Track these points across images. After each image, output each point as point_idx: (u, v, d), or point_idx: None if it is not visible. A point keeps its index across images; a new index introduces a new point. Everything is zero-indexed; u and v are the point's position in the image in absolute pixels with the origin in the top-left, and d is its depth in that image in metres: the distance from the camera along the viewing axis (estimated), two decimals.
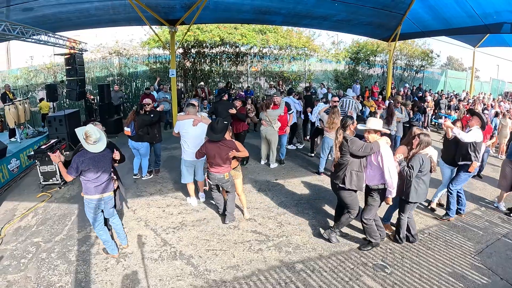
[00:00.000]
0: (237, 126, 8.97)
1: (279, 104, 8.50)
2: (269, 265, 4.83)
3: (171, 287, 4.37)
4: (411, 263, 4.87)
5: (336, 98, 8.77)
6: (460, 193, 6.28)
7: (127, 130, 7.68)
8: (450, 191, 6.17)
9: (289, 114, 9.05)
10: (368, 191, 5.08)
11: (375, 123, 4.94)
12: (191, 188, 6.69)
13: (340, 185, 4.99)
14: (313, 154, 10.22)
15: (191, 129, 6.36)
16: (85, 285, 4.40)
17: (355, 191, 5.01)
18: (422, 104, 13.93)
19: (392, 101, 10.38)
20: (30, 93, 15.67)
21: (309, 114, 10.66)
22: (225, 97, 9.59)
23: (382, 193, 4.96)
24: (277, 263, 4.87)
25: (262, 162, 9.27)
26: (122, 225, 5.35)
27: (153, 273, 4.65)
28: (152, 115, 7.78)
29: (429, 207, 6.75)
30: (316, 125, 9.79)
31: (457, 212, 6.32)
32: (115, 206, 5.11)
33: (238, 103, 8.98)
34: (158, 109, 8.30)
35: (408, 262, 4.89)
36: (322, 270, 4.72)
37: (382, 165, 4.72)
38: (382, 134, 5.00)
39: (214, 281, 4.48)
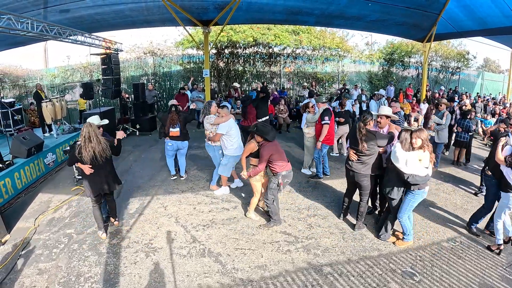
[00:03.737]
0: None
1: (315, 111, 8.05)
2: (296, 266, 4.76)
3: (198, 284, 4.37)
4: (440, 271, 4.67)
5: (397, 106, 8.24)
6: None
7: (176, 131, 7.48)
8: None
9: (322, 124, 7.72)
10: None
11: (385, 109, 5.77)
12: (226, 179, 7.23)
13: (363, 172, 5.38)
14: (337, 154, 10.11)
15: (235, 127, 6.92)
16: (114, 277, 4.47)
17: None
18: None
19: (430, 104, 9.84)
20: (67, 91, 16.20)
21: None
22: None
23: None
24: (305, 265, 4.80)
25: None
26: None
27: (181, 268, 4.66)
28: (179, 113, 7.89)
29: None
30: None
31: None
32: None
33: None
34: (191, 107, 8.44)
35: (438, 270, 4.69)
36: (350, 274, 4.60)
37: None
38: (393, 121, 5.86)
39: (241, 279, 4.45)
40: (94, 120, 5.38)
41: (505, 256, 5.08)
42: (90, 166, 5.00)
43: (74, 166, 7.66)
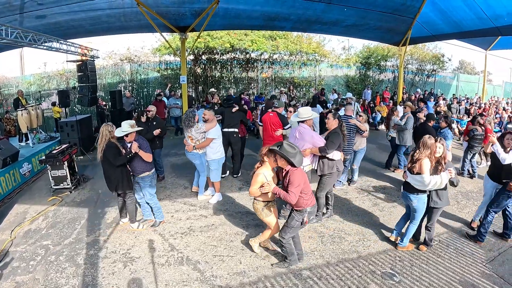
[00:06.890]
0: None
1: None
2: (275, 271, 4.79)
3: None
4: (420, 271, 4.78)
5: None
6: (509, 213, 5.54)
7: None
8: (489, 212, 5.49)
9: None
10: None
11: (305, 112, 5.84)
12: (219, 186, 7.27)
13: None
14: None
15: (219, 130, 7.06)
16: None
17: None
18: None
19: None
20: (44, 99, 15.92)
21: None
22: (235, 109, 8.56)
23: None
24: (283, 270, 4.83)
25: None
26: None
27: (159, 278, 4.65)
28: (155, 123, 7.79)
29: (471, 225, 6.18)
30: None
31: (503, 236, 5.71)
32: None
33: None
34: (154, 133, 7.73)
35: (418, 270, 4.81)
36: (329, 277, 4.66)
37: None
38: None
39: (220, 287, 4.47)
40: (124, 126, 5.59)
41: (484, 253, 5.25)
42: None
43: (50, 175, 7.64)
